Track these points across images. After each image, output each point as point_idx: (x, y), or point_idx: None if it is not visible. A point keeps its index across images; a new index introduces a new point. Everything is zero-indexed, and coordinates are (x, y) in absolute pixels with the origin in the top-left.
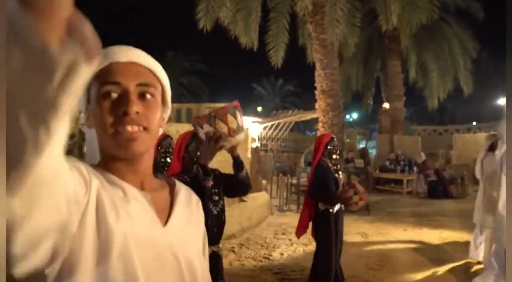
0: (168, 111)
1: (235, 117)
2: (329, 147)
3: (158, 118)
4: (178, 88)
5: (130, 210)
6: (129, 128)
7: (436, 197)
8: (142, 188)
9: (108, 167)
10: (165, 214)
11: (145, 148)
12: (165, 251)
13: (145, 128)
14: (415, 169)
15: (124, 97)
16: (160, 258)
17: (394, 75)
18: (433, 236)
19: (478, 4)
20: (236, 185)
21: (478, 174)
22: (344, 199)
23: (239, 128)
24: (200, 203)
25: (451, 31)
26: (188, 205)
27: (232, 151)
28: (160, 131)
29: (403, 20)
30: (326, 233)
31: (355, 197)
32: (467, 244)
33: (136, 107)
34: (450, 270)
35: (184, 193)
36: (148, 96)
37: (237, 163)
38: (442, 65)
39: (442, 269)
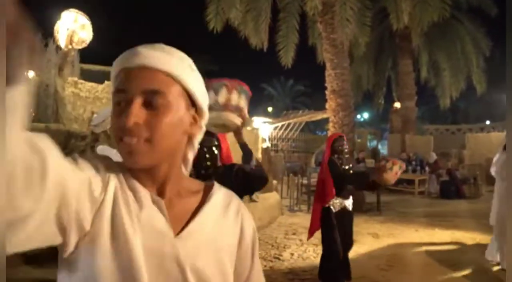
0: (203, 115)
1: (216, 93)
2: (335, 145)
3: (172, 125)
4: None
5: (141, 217)
6: (127, 140)
7: (448, 197)
8: (160, 193)
9: (130, 169)
10: (183, 222)
11: (148, 161)
12: (169, 261)
13: (147, 140)
14: (427, 168)
15: (127, 106)
16: (164, 268)
17: (405, 74)
18: (445, 236)
19: (491, 1)
20: (246, 178)
21: (494, 172)
22: (378, 168)
23: (216, 105)
24: (242, 211)
25: (463, 29)
26: (223, 214)
27: (235, 136)
28: (198, 139)
29: (414, 18)
30: (328, 230)
31: (388, 163)
32: (479, 245)
33: (135, 117)
34: (461, 271)
35: (219, 199)
36: (156, 103)
37: (243, 152)
38: (454, 63)
39: (453, 270)
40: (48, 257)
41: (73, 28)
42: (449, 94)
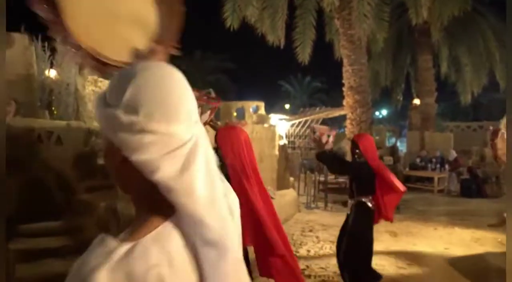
0: (130, 151)
1: None
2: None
3: (112, 163)
4: (206, 87)
5: None
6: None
7: (469, 195)
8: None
9: None
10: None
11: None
12: None
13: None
14: (446, 166)
15: None
16: None
17: (425, 70)
18: (465, 235)
19: None
20: None
21: None
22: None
23: None
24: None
25: (485, 23)
26: None
27: None
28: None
29: (434, 13)
30: None
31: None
32: (501, 245)
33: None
34: (480, 271)
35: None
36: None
37: None
38: (476, 58)
39: (473, 269)
40: (70, 250)
41: None
42: (470, 90)
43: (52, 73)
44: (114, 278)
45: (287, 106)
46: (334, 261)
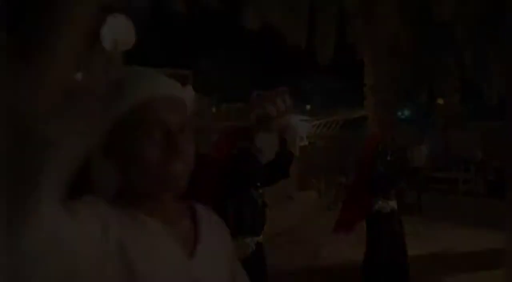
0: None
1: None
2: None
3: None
4: None
5: (152, 246)
6: (179, 166)
7: (495, 197)
8: (164, 219)
9: (130, 202)
10: (191, 244)
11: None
12: None
13: (187, 164)
14: (472, 167)
15: (169, 136)
16: None
17: (449, 69)
18: (491, 238)
19: None
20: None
21: None
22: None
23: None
24: (220, 222)
25: None
26: (213, 230)
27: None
28: None
29: (458, 11)
30: None
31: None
32: None
33: (182, 145)
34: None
35: (205, 215)
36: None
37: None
38: (502, 55)
39: (497, 272)
40: None
41: (118, 31)
42: (497, 89)
43: (78, 76)
44: None
45: (307, 107)
46: (355, 262)
